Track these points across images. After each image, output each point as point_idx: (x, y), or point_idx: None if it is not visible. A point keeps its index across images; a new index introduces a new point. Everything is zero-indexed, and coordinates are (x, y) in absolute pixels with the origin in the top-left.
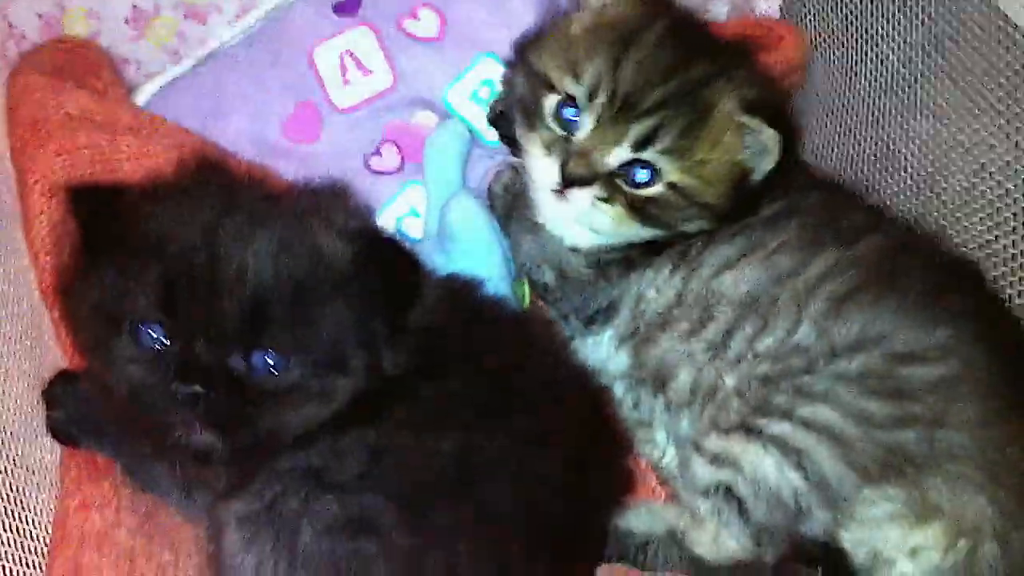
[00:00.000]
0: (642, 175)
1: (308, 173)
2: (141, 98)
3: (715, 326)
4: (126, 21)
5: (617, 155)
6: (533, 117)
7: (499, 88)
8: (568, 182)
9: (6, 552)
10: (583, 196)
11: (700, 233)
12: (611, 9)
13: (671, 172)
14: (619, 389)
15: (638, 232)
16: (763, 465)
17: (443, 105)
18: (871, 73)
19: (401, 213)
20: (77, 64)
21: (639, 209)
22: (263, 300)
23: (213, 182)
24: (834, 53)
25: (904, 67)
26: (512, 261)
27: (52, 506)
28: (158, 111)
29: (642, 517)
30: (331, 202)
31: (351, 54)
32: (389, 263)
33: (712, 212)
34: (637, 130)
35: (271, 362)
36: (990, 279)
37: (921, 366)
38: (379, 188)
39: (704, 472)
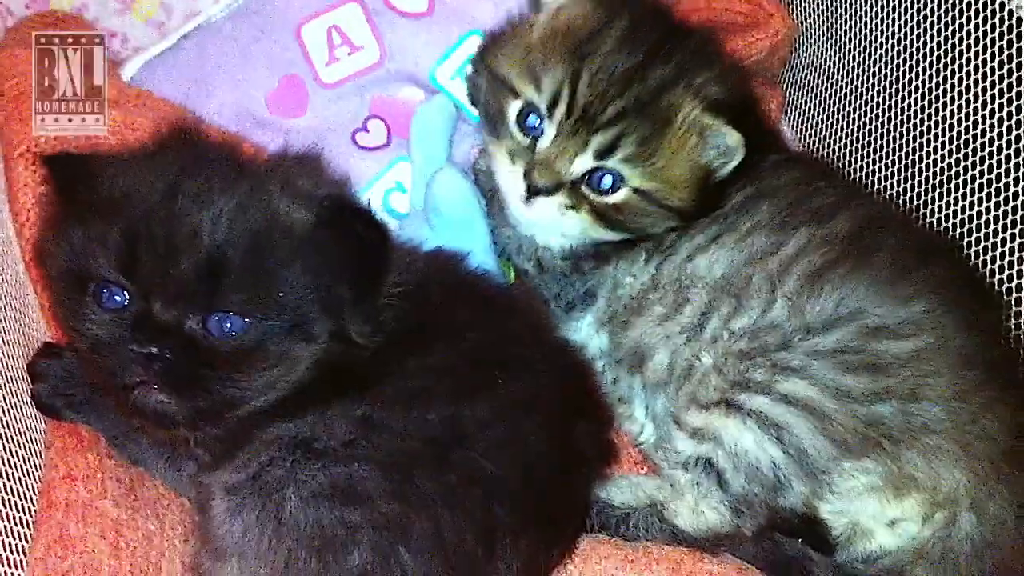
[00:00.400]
0: (606, 182)
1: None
2: (127, 72)
3: (690, 309)
4: None
5: (580, 164)
6: (497, 124)
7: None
8: (533, 191)
9: None
10: (549, 204)
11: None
12: (566, 11)
13: (634, 178)
14: (598, 366)
15: (607, 235)
16: (742, 439)
17: (430, 81)
18: (857, 48)
19: (388, 188)
20: None
21: (604, 215)
22: (218, 262)
23: (180, 147)
24: (821, 29)
25: (890, 43)
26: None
27: (38, 476)
28: (143, 85)
29: (623, 489)
30: (297, 169)
31: (338, 29)
32: (351, 231)
33: (679, 214)
34: (598, 141)
35: (229, 325)
36: (972, 255)
37: (895, 340)
38: (366, 164)
39: (684, 446)
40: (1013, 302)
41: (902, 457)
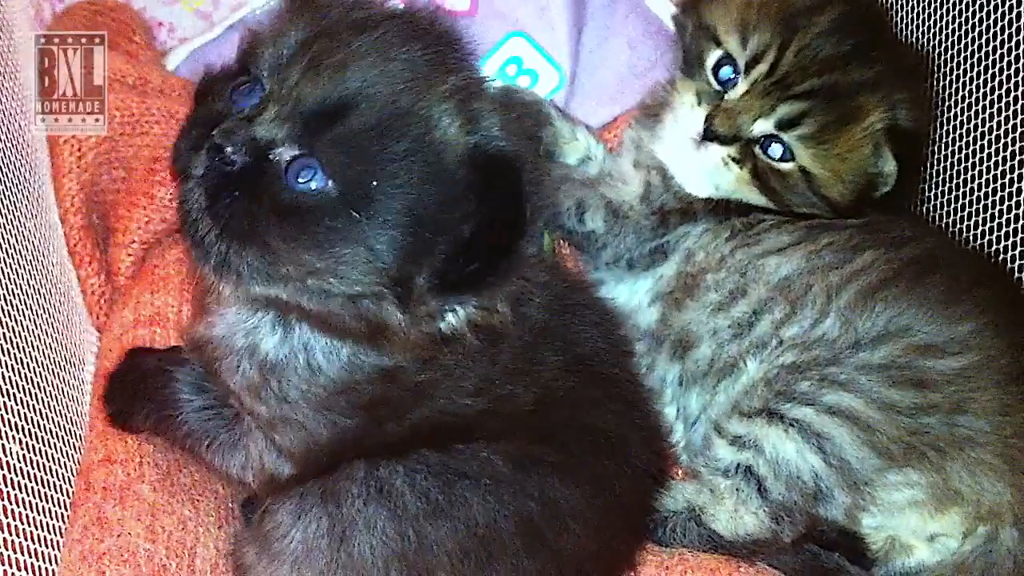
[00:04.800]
0: (775, 150)
1: None
2: (172, 61)
3: (745, 303)
4: None
5: (760, 127)
6: (693, 66)
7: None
8: (710, 135)
9: (31, 502)
10: (718, 152)
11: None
12: None
13: (805, 159)
14: (639, 348)
15: (755, 198)
16: (783, 447)
17: None
18: None
19: None
20: (110, 26)
21: (763, 179)
22: (344, 111)
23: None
24: None
25: (934, 53)
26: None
27: (77, 459)
28: (189, 75)
29: (662, 495)
30: (501, 98)
31: None
32: (493, 196)
33: (832, 207)
34: (784, 110)
35: (309, 176)
36: (1010, 269)
37: (942, 358)
38: None
39: (725, 453)
40: None
41: (947, 469)
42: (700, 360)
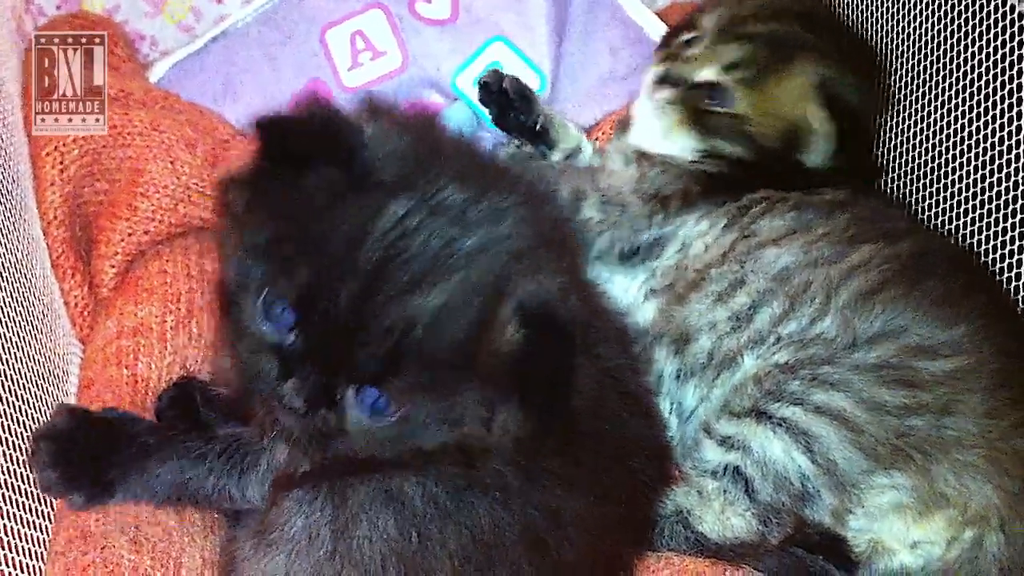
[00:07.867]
0: (716, 95)
1: None
2: (155, 74)
3: (744, 294)
4: None
5: (707, 73)
6: (669, 39)
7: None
8: (660, 79)
9: (14, 514)
10: (663, 95)
11: (763, 199)
12: None
13: (741, 101)
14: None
15: (684, 143)
16: (770, 447)
17: (451, 88)
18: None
19: None
20: None
21: (698, 116)
22: (401, 354)
23: (416, 170)
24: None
25: (909, 53)
26: None
27: None
28: (171, 87)
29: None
30: (530, 262)
31: (362, 34)
32: (552, 369)
33: (756, 146)
34: (731, 52)
35: (381, 406)
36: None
37: (934, 359)
38: None
39: (713, 454)
40: None
41: (932, 471)
42: (699, 353)
